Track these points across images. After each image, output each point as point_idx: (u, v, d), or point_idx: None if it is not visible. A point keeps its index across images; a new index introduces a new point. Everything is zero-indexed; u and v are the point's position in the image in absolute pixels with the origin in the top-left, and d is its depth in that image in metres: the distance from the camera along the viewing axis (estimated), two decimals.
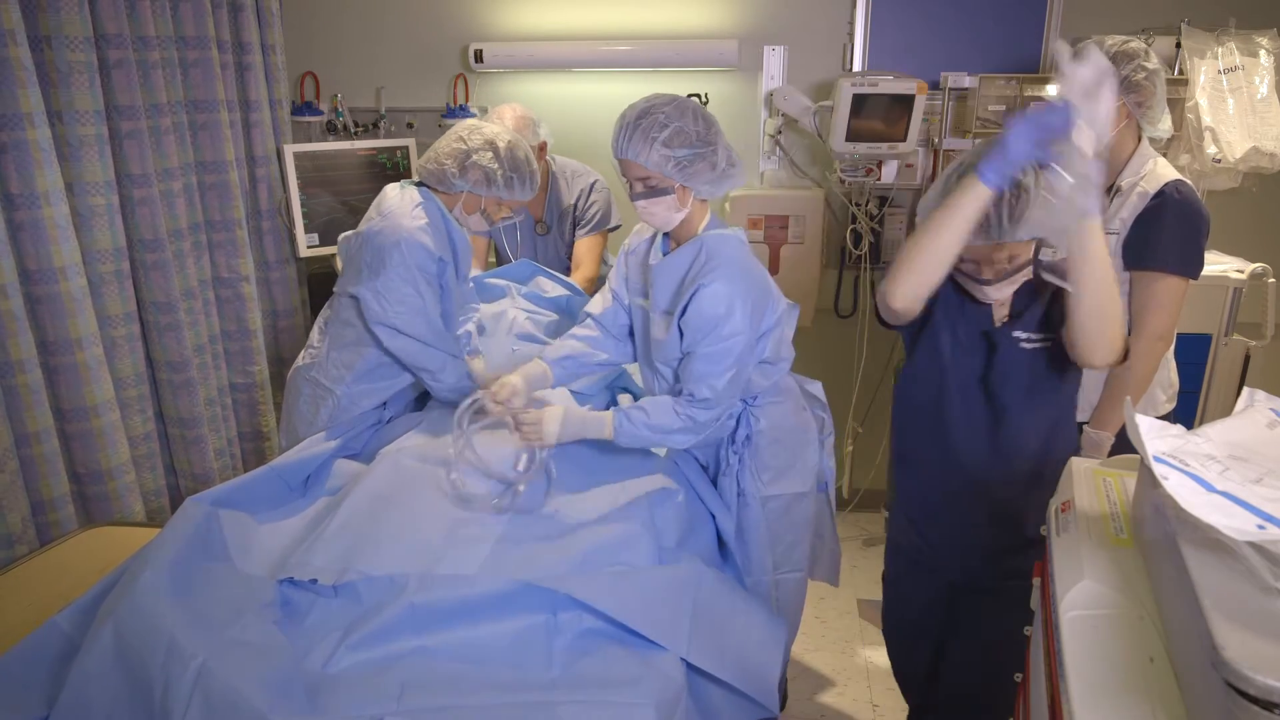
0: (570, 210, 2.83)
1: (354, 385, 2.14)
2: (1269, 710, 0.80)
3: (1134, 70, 2.00)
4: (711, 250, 1.83)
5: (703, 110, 1.81)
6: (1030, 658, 1.52)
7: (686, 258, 1.86)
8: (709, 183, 1.81)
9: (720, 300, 1.77)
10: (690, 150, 1.76)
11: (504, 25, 3.37)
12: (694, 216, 1.87)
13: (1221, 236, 2.74)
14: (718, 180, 1.82)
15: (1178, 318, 2.04)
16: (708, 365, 1.80)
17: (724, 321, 1.77)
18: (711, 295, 1.77)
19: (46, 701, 1.43)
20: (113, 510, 2.40)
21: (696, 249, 1.85)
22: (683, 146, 1.75)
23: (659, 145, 1.74)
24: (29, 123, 2.10)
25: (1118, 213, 2.03)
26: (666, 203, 1.81)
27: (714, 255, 1.82)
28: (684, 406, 1.83)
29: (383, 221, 2.06)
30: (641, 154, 1.76)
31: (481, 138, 2.11)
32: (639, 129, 1.75)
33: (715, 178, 1.81)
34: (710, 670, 1.57)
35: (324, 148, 3.13)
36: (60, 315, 2.23)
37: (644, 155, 1.76)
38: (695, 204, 1.85)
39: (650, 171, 1.78)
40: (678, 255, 1.88)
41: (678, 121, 1.75)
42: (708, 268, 1.80)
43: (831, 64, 3.32)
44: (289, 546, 1.73)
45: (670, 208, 1.82)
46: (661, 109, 1.76)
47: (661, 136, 1.74)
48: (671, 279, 1.88)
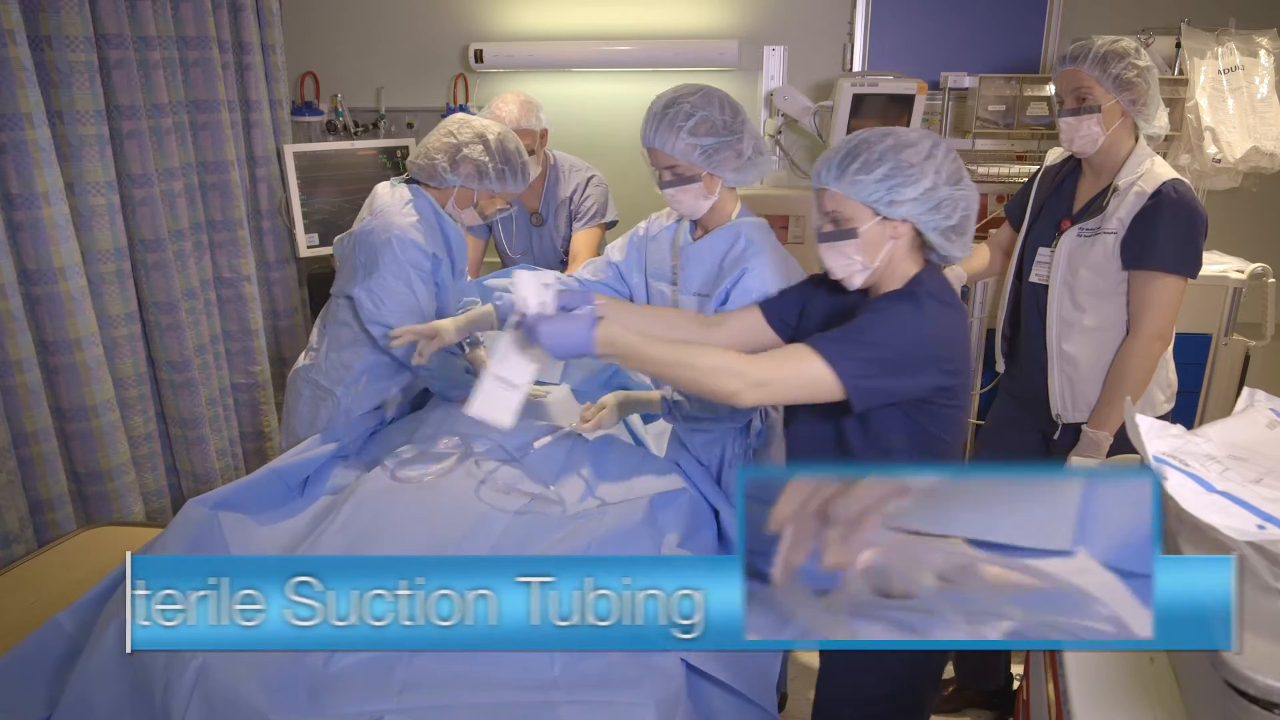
0: (566, 203, 2.83)
1: (353, 386, 2.14)
2: (1269, 710, 0.80)
3: (1125, 69, 2.00)
4: (753, 236, 1.89)
5: (729, 99, 1.84)
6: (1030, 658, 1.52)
7: (724, 241, 1.91)
8: (735, 170, 1.85)
9: (770, 280, 1.83)
10: (716, 139, 1.80)
11: (504, 25, 3.37)
12: (724, 203, 1.91)
13: (1221, 236, 2.74)
14: (744, 168, 1.86)
15: (1176, 317, 2.04)
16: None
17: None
18: (761, 276, 1.83)
19: (48, 702, 1.43)
20: (112, 510, 2.40)
21: (734, 234, 1.90)
22: (709, 135, 1.79)
23: (685, 134, 1.78)
24: (28, 123, 2.10)
25: (1115, 212, 2.03)
26: (694, 190, 1.85)
27: (757, 240, 1.88)
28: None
29: (374, 220, 2.06)
30: (668, 143, 1.80)
31: (471, 131, 2.10)
32: (665, 118, 1.79)
33: (741, 165, 1.85)
34: (710, 671, 1.57)
35: (324, 148, 3.13)
36: (59, 315, 2.23)
37: (670, 144, 1.80)
38: (724, 191, 1.89)
39: (677, 160, 1.81)
40: (714, 238, 1.92)
41: (703, 110, 1.79)
42: (750, 251, 1.86)
43: (831, 64, 3.33)
44: (289, 546, 1.73)
45: (698, 195, 1.86)
46: (688, 98, 1.80)
47: (688, 125, 1.78)
48: (707, 261, 1.92)
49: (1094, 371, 2.08)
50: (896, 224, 1.47)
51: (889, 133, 1.47)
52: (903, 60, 3.25)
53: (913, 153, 1.44)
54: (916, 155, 1.44)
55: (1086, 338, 2.09)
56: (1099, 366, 2.08)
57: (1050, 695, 1.23)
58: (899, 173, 1.43)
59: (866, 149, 1.45)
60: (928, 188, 1.44)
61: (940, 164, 1.45)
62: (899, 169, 1.43)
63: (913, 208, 1.45)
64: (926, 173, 1.44)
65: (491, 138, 2.10)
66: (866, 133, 1.49)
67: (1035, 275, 2.18)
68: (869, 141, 1.46)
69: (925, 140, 1.47)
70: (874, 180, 1.44)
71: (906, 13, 3.24)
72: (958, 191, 1.46)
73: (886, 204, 1.45)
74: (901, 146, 1.44)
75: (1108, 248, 2.04)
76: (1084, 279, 2.08)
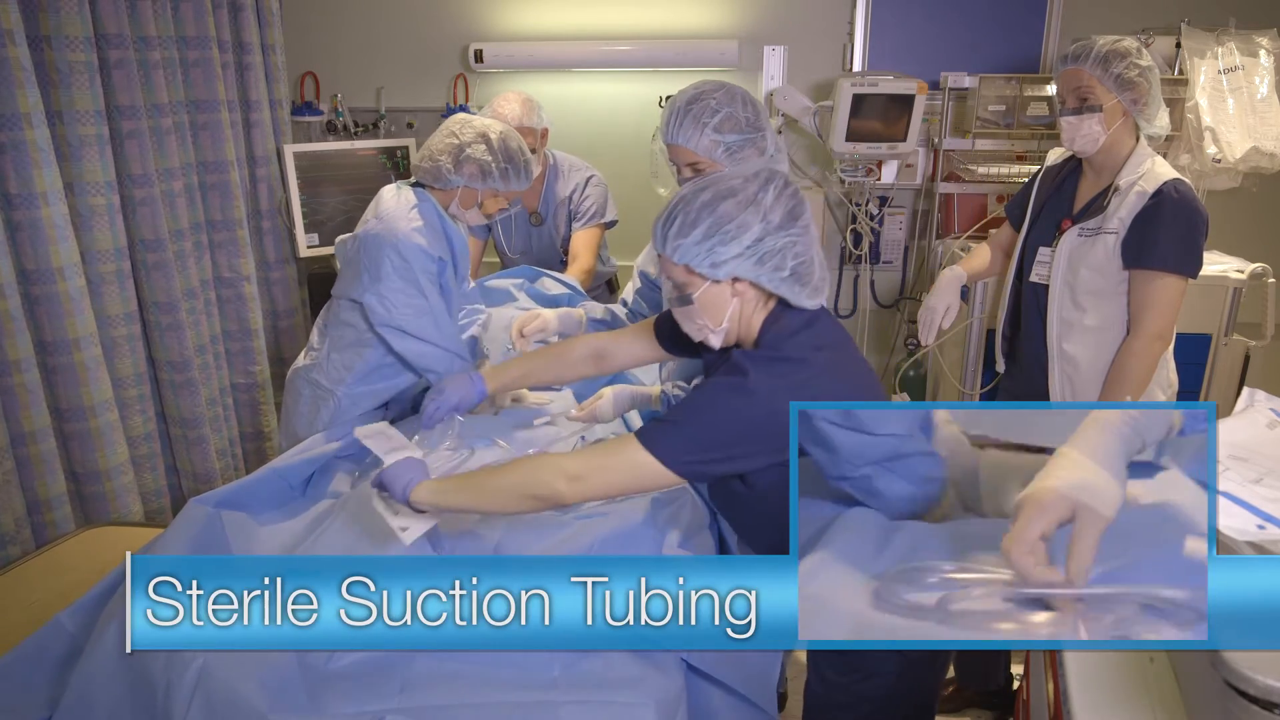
0: (565, 202, 2.83)
1: (354, 386, 2.14)
2: (1269, 710, 0.80)
3: (1126, 68, 2.00)
4: None
5: (751, 97, 1.83)
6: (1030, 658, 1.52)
7: None
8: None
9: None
10: (740, 136, 1.78)
11: (504, 25, 3.37)
12: None
13: (1221, 236, 2.74)
14: (765, 165, 1.83)
15: (1176, 317, 2.04)
16: None
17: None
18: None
19: (49, 702, 1.43)
20: (110, 510, 2.40)
21: None
22: (733, 132, 1.77)
23: (710, 130, 1.76)
24: (27, 123, 2.10)
25: (1116, 212, 2.03)
26: None
27: None
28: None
29: (379, 224, 2.06)
30: (692, 139, 1.77)
31: (473, 131, 2.10)
32: (690, 114, 1.77)
33: (763, 163, 1.82)
34: (709, 671, 1.57)
35: (324, 148, 3.12)
36: (58, 315, 2.23)
37: (694, 140, 1.77)
38: None
39: (699, 156, 1.79)
40: None
41: (728, 107, 1.77)
42: None
43: (831, 64, 3.33)
44: (290, 546, 1.73)
45: None
46: (712, 95, 1.78)
47: (713, 122, 1.76)
48: None
49: (1094, 371, 2.08)
50: (732, 283, 1.37)
51: (710, 183, 1.37)
52: (903, 60, 3.25)
53: (732, 204, 1.33)
54: (737, 206, 1.32)
55: (1087, 338, 2.09)
56: (1099, 366, 2.08)
57: (1050, 695, 1.23)
58: (717, 230, 1.32)
59: (684, 207, 1.35)
60: (752, 240, 1.33)
61: (769, 208, 1.33)
62: (717, 225, 1.32)
63: (738, 265, 1.34)
64: (750, 224, 1.32)
65: (494, 137, 2.10)
66: (690, 187, 1.38)
67: (1036, 275, 2.18)
68: (687, 199, 1.35)
69: (751, 184, 1.35)
70: (693, 243, 1.33)
71: (906, 13, 3.24)
72: (787, 238, 1.34)
73: (709, 266, 1.34)
74: (719, 199, 1.33)
75: (1108, 247, 2.04)
76: (1084, 279, 2.08)
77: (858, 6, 3.25)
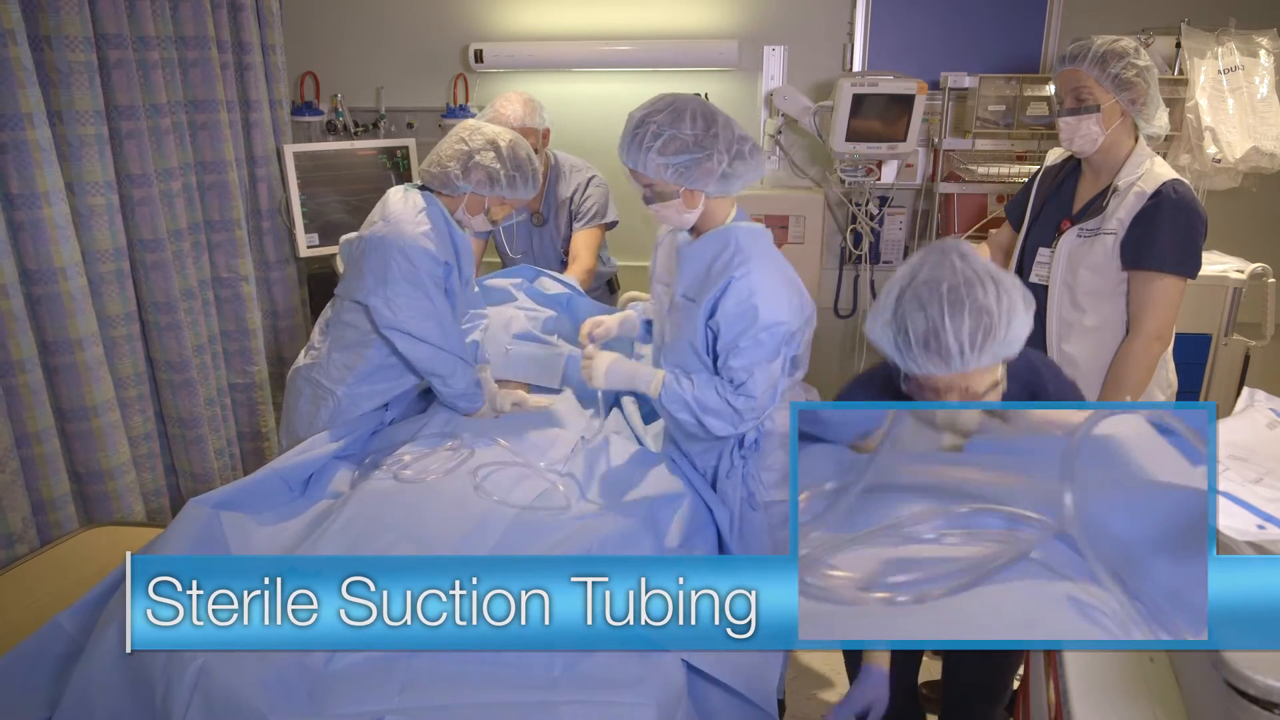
0: (566, 203, 2.83)
1: (355, 386, 2.14)
2: (1269, 710, 0.80)
3: (1124, 68, 2.00)
4: (742, 242, 1.85)
5: (704, 110, 1.81)
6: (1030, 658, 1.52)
7: (713, 245, 1.87)
8: (716, 182, 1.82)
9: (759, 290, 1.79)
10: (687, 156, 1.77)
11: (504, 25, 3.37)
12: (714, 212, 1.88)
13: (1221, 236, 2.75)
14: (725, 179, 1.82)
15: (1175, 317, 2.04)
16: (750, 355, 1.80)
17: (766, 310, 1.78)
18: (749, 286, 1.79)
19: (49, 702, 1.43)
20: (113, 510, 2.40)
21: (724, 239, 1.87)
22: (679, 153, 1.77)
23: (654, 154, 1.77)
24: (29, 123, 2.10)
25: (1115, 212, 2.03)
26: (674, 205, 1.84)
27: (746, 247, 1.84)
28: (725, 390, 1.84)
29: (386, 227, 2.06)
30: (639, 163, 1.80)
31: (483, 138, 2.11)
32: (635, 139, 1.78)
33: (719, 177, 1.81)
34: (709, 671, 1.57)
35: (324, 148, 3.12)
36: (60, 315, 2.23)
37: (642, 164, 1.79)
38: (715, 200, 1.87)
39: (652, 178, 1.80)
40: (705, 240, 1.89)
41: (670, 129, 1.76)
42: (739, 259, 1.82)
43: (831, 64, 3.33)
44: (290, 547, 1.73)
45: (679, 210, 1.85)
46: (654, 118, 1.77)
47: (655, 146, 1.76)
48: (697, 264, 1.89)
49: (1094, 372, 2.08)
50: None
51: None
52: (903, 60, 3.25)
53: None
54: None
55: (1086, 338, 2.09)
56: (1099, 367, 2.08)
57: (1050, 695, 1.23)
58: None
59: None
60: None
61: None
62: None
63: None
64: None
65: (503, 145, 2.11)
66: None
67: (1035, 275, 2.18)
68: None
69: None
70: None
71: (906, 13, 3.24)
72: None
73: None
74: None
75: (1108, 248, 2.04)
76: (1084, 279, 2.08)
77: (858, 6, 3.25)
